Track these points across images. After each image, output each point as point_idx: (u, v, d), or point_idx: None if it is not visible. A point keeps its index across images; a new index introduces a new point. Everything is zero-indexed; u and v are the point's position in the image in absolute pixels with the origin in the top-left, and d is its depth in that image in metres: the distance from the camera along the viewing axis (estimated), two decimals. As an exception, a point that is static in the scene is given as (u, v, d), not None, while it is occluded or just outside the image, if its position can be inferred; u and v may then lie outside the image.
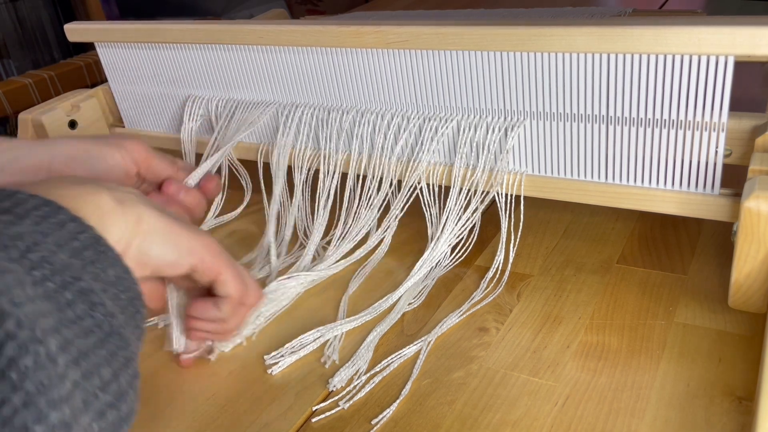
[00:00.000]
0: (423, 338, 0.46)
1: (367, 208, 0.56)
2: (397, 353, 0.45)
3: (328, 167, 0.58)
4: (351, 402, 0.42)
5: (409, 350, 0.46)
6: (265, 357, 0.46)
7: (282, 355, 0.46)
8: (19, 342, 0.23)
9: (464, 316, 0.49)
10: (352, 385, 0.43)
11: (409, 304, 0.50)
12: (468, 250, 0.54)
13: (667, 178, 0.47)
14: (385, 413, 0.41)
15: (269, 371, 0.45)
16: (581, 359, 0.43)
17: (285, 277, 0.52)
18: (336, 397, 0.42)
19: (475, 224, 0.53)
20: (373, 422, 0.40)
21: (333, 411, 0.42)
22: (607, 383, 0.41)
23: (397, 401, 0.42)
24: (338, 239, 0.57)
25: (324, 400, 0.43)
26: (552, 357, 0.44)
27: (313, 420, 0.41)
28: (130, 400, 0.28)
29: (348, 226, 0.57)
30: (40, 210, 0.29)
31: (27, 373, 0.23)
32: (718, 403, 0.39)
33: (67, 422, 0.24)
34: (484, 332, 0.47)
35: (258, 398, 0.43)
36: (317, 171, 0.60)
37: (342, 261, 0.55)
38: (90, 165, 0.47)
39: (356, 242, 0.57)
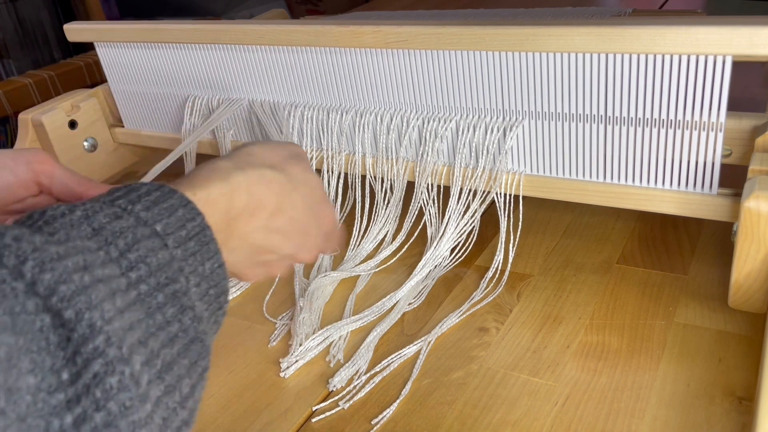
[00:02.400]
0: (423, 338, 0.46)
1: (385, 208, 0.56)
2: (397, 353, 0.45)
3: (331, 167, 0.58)
4: (351, 402, 0.42)
5: (410, 350, 0.46)
6: (281, 361, 0.46)
7: (296, 360, 0.46)
8: (107, 360, 0.23)
9: (464, 316, 0.49)
10: (352, 385, 0.43)
11: (410, 303, 0.50)
12: (468, 250, 0.54)
13: (667, 178, 0.47)
14: (385, 413, 0.41)
15: (282, 374, 0.45)
16: (581, 359, 0.43)
17: (323, 275, 0.53)
18: (336, 397, 0.43)
19: (474, 224, 0.53)
20: (373, 422, 0.40)
21: (333, 411, 0.42)
22: (607, 383, 0.41)
23: (397, 401, 0.42)
24: (357, 239, 0.57)
25: (324, 400, 0.43)
26: (552, 357, 0.44)
27: (314, 420, 0.41)
28: (196, 411, 0.28)
29: (367, 226, 0.57)
30: (151, 195, 0.29)
31: (111, 393, 0.23)
32: (718, 403, 0.39)
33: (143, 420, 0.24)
34: (484, 332, 0.47)
35: (258, 398, 0.43)
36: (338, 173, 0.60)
37: (369, 261, 0.56)
38: None
39: (377, 242, 0.57)
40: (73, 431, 0.22)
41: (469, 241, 0.54)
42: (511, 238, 0.52)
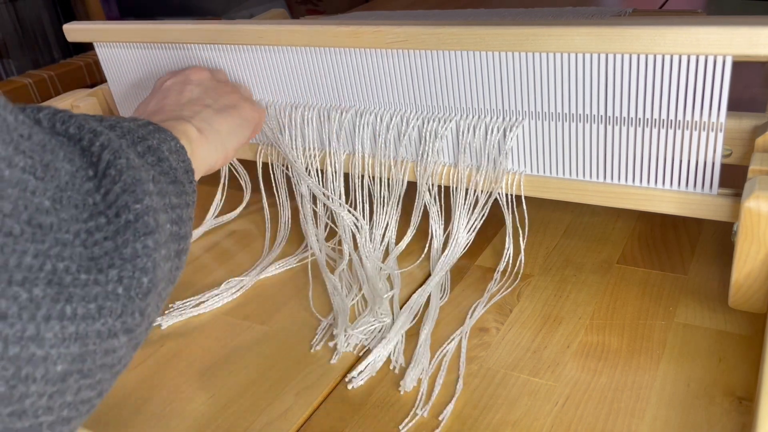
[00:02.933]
0: (421, 338, 0.46)
1: (395, 207, 0.56)
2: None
3: (335, 167, 0.58)
4: (428, 407, 0.42)
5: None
6: (348, 376, 0.44)
7: (361, 371, 0.44)
8: (113, 150, 0.30)
9: (464, 316, 0.49)
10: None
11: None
12: (467, 249, 0.54)
13: (666, 178, 0.47)
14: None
15: (350, 386, 0.43)
16: (581, 359, 0.43)
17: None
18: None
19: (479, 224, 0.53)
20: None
21: (414, 420, 0.42)
22: (607, 383, 0.41)
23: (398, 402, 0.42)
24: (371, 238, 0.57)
25: (323, 400, 0.43)
26: (552, 357, 0.44)
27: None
28: (186, 234, 0.35)
29: (370, 226, 0.57)
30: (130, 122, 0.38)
31: (123, 170, 0.30)
32: (718, 403, 0.39)
33: (155, 207, 0.31)
34: (484, 332, 0.47)
35: (258, 398, 0.43)
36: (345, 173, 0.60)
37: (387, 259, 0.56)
38: None
39: (379, 241, 0.57)
40: (103, 203, 0.29)
41: (469, 241, 0.54)
42: (520, 239, 0.52)
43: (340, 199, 0.58)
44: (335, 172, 0.58)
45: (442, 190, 0.55)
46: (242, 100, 0.54)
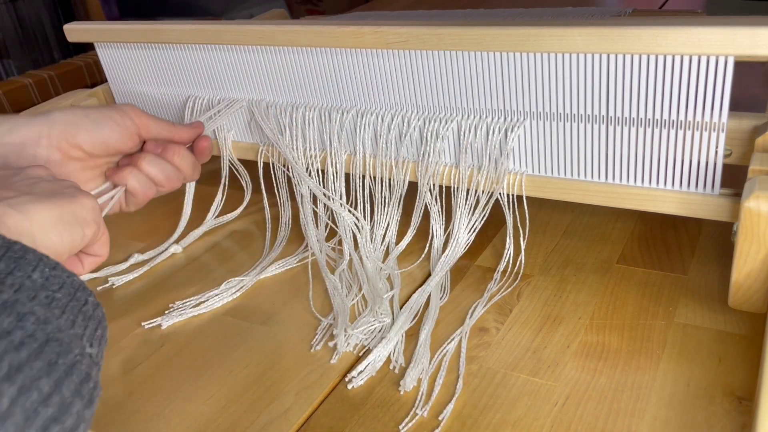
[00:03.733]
0: (421, 338, 0.46)
1: (395, 207, 0.56)
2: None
3: (335, 167, 0.58)
4: (428, 407, 0.42)
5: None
6: (348, 376, 0.44)
7: (361, 371, 0.44)
8: None
9: (464, 316, 0.49)
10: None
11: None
12: (467, 249, 0.54)
13: (668, 178, 0.47)
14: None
15: (350, 386, 0.43)
16: (581, 359, 0.43)
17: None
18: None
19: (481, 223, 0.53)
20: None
21: (414, 420, 0.42)
22: (607, 383, 0.41)
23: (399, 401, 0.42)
24: (372, 239, 0.57)
25: (323, 400, 0.43)
26: (552, 357, 0.44)
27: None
28: (75, 411, 0.27)
29: (371, 227, 0.57)
30: None
31: None
32: (718, 403, 0.39)
33: None
34: (484, 332, 0.47)
35: (258, 398, 0.43)
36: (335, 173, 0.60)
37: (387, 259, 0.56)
38: (91, 128, 0.48)
39: (380, 241, 0.57)
40: None
41: (469, 240, 0.54)
42: (521, 239, 0.52)
43: (340, 199, 0.58)
44: (336, 173, 0.58)
45: (443, 190, 0.55)
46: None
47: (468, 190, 0.53)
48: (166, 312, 0.53)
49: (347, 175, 0.58)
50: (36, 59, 1.73)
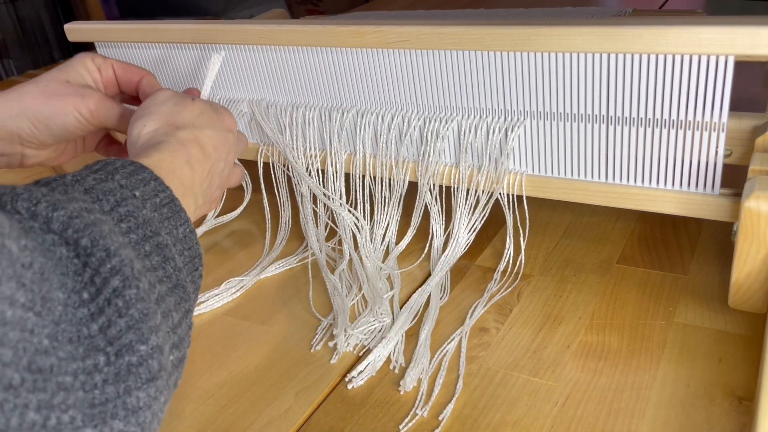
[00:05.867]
0: (421, 338, 0.46)
1: (395, 207, 0.56)
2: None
3: (335, 167, 0.58)
4: (428, 407, 0.42)
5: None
6: (348, 376, 0.44)
7: (361, 371, 0.44)
8: (124, 276, 0.27)
9: (464, 315, 0.49)
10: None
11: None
12: (467, 249, 0.54)
13: (668, 178, 0.47)
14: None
15: (350, 386, 0.43)
16: (581, 359, 0.43)
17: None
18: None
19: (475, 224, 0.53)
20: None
21: (414, 420, 0.42)
22: (607, 383, 0.41)
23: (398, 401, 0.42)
24: (372, 239, 0.57)
25: (323, 400, 0.43)
26: (552, 357, 0.44)
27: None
28: (186, 345, 0.32)
29: (371, 226, 0.57)
30: (126, 168, 0.34)
31: (131, 302, 0.27)
32: (718, 403, 0.39)
33: (161, 346, 0.28)
34: (484, 332, 0.47)
35: (258, 398, 0.43)
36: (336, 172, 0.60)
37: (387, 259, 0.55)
38: (47, 134, 0.49)
39: (380, 241, 0.57)
40: (101, 336, 0.26)
41: (469, 240, 0.54)
42: (521, 239, 0.52)
43: (340, 199, 0.58)
44: (336, 172, 0.58)
45: (443, 190, 0.55)
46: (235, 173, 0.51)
47: (468, 189, 0.53)
48: (166, 312, 0.53)
49: (347, 175, 0.58)
50: (36, 59, 1.73)
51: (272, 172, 0.62)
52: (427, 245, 0.55)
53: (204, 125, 0.45)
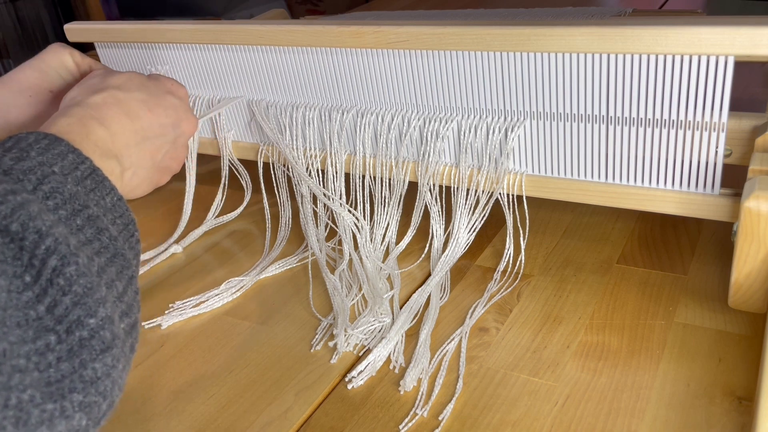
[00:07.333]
0: (421, 338, 0.46)
1: (395, 207, 0.56)
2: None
3: (335, 167, 0.58)
4: (428, 407, 0.42)
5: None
6: (348, 376, 0.44)
7: (361, 371, 0.44)
8: (61, 255, 0.27)
9: (464, 315, 0.49)
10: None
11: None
12: (467, 249, 0.54)
13: (668, 178, 0.47)
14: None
15: (350, 386, 0.43)
16: (581, 359, 0.43)
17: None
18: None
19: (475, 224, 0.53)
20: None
21: (414, 420, 0.42)
22: (607, 383, 0.41)
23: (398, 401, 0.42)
24: (371, 239, 0.57)
25: (323, 400, 0.43)
26: (552, 357, 0.44)
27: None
28: (135, 311, 0.32)
29: (371, 226, 0.57)
30: (40, 143, 0.33)
31: (72, 279, 0.27)
32: (718, 403, 0.39)
33: (110, 316, 0.28)
34: (484, 332, 0.47)
35: (258, 398, 0.43)
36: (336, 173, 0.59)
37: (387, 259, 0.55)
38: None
39: (380, 241, 0.57)
40: (49, 316, 0.26)
41: (469, 240, 0.54)
42: (521, 239, 0.52)
43: (340, 199, 0.58)
44: (336, 173, 0.58)
45: (443, 190, 0.55)
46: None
47: (468, 190, 0.53)
48: (166, 312, 0.53)
49: (347, 175, 0.58)
50: (36, 59, 1.73)
51: (272, 172, 0.62)
52: (427, 245, 0.55)
53: (132, 89, 0.44)
